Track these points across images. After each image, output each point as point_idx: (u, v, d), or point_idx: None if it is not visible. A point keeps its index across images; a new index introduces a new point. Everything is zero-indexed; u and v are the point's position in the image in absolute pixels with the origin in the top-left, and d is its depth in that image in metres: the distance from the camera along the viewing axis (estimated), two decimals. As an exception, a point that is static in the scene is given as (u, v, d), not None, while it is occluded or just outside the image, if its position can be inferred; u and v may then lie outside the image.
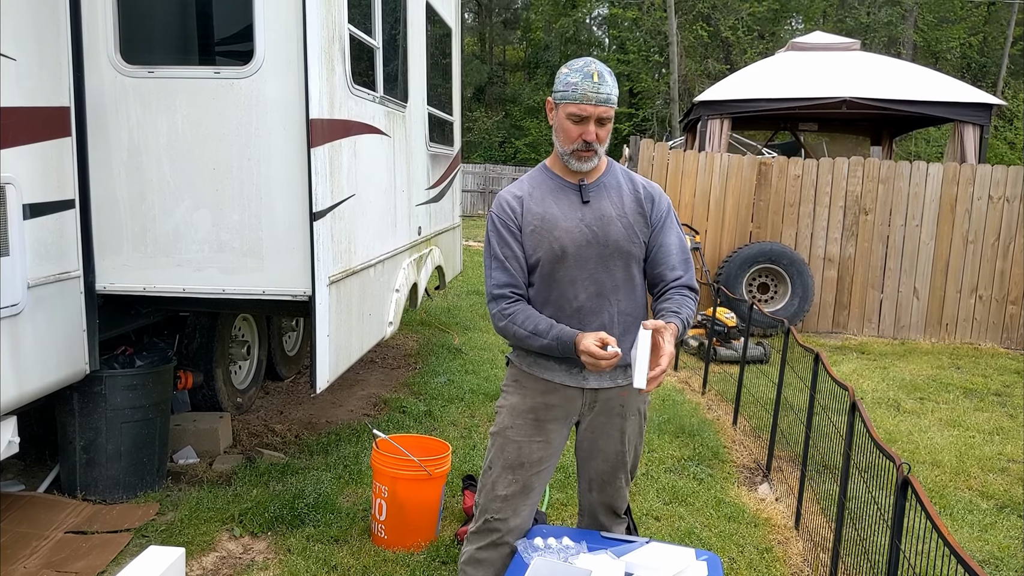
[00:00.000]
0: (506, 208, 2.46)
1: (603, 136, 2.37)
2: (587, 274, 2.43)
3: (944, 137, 21.67)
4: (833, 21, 28.49)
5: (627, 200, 2.47)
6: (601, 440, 2.56)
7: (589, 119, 2.33)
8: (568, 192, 2.46)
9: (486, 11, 36.90)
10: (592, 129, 2.34)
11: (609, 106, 2.33)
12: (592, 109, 2.31)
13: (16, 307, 3.22)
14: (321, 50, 3.61)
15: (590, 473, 2.64)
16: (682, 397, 6.28)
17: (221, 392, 4.97)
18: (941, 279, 9.07)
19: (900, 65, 10.97)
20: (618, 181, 2.51)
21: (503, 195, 2.50)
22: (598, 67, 2.32)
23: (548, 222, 2.42)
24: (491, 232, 2.48)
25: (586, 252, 2.42)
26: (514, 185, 2.53)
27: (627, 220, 2.45)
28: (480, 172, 26.31)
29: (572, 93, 2.32)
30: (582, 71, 2.31)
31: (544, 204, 2.45)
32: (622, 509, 2.70)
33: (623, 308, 2.47)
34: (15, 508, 3.72)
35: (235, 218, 3.73)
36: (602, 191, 2.47)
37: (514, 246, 2.44)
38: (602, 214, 2.43)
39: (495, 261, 2.46)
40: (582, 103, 2.31)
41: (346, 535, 3.67)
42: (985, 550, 3.87)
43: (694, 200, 9.13)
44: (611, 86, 2.33)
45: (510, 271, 2.44)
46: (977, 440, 5.53)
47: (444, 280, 6.78)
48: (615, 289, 2.46)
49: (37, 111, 3.39)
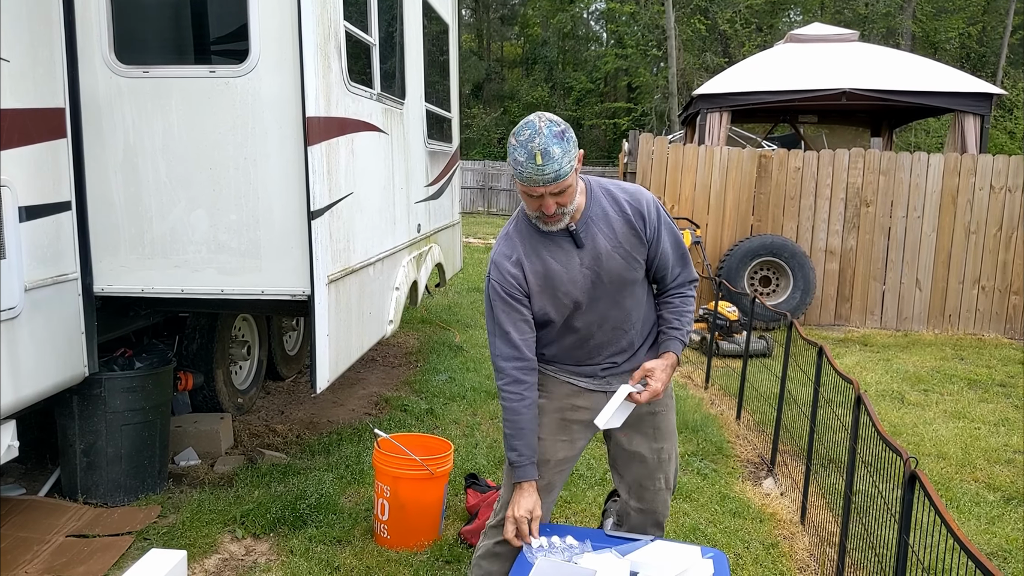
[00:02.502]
0: (507, 276, 2.39)
1: (565, 201, 2.27)
2: (599, 316, 2.45)
3: (944, 128, 21.63)
4: (831, 13, 28.42)
5: (618, 228, 2.41)
6: (636, 442, 2.58)
7: (543, 196, 2.24)
8: (560, 241, 2.39)
9: (483, 7, 36.83)
10: (549, 203, 2.25)
11: (559, 183, 2.20)
12: (541, 189, 2.21)
13: (13, 310, 3.20)
14: (317, 47, 3.58)
15: (628, 480, 2.64)
16: (685, 392, 6.26)
17: (222, 393, 4.95)
18: (943, 270, 9.04)
19: (899, 56, 10.94)
20: (604, 210, 2.41)
21: (499, 261, 2.42)
22: (541, 142, 2.15)
23: (552, 279, 2.39)
24: (494, 300, 2.42)
25: (595, 294, 2.42)
26: (504, 246, 2.44)
27: (623, 249, 2.41)
28: (479, 169, 26.30)
29: (519, 174, 2.21)
30: (526, 151, 2.17)
31: (543, 262, 2.39)
32: (663, 516, 2.67)
33: (641, 329, 2.54)
34: (16, 512, 3.70)
35: (232, 218, 3.71)
36: (592, 228, 2.39)
37: (522, 309, 2.41)
38: (598, 252, 2.39)
39: (499, 330, 2.43)
40: (530, 185, 2.22)
41: (348, 536, 3.65)
42: (993, 543, 3.84)
43: (694, 194, 9.10)
44: (558, 159, 2.16)
45: (514, 342, 2.41)
46: (982, 431, 5.51)
47: (444, 277, 6.76)
48: (626, 318, 2.49)
49: (32, 113, 3.36)
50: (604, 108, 32.06)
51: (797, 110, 11.43)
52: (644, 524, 2.65)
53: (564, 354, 2.53)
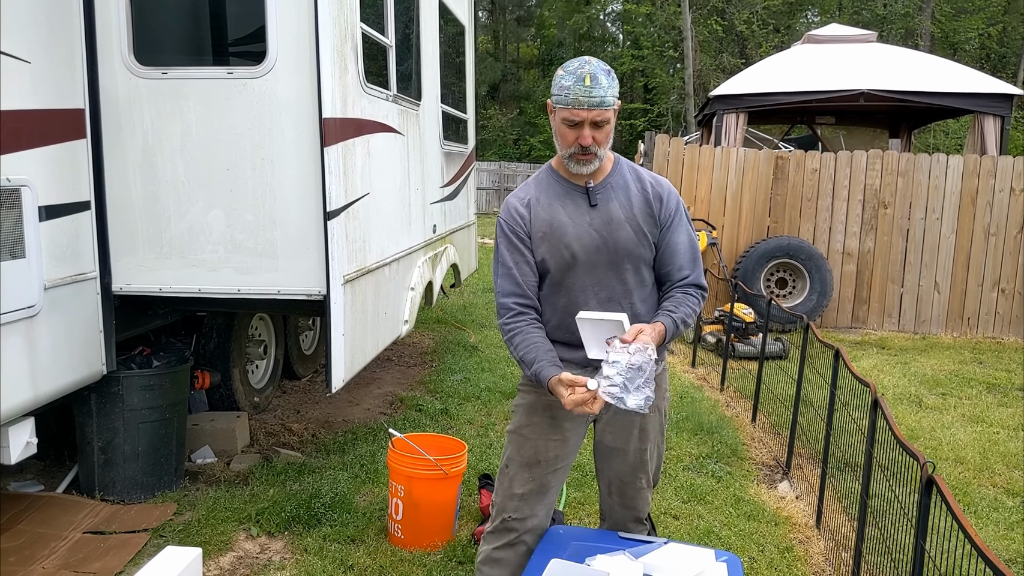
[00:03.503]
0: (514, 214, 2.43)
1: (601, 139, 2.31)
2: (597, 280, 2.40)
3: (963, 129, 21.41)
4: (849, 13, 28.25)
5: (635, 201, 2.42)
6: (620, 439, 2.53)
7: (583, 123, 2.27)
8: (575, 196, 2.42)
9: (500, 8, 36.86)
10: (587, 133, 2.28)
11: (604, 108, 2.25)
12: (585, 114, 2.25)
13: (33, 308, 3.24)
14: (333, 49, 3.60)
15: (609, 475, 2.61)
16: (700, 394, 6.24)
17: (238, 391, 4.98)
18: (962, 272, 8.95)
19: (918, 56, 10.84)
20: (625, 181, 2.45)
21: (510, 201, 2.47)
22: (591, 68, 2.24)
23: (557, 229, 2.38)
24: (500, 238, 2.46)
25: (596, 258, 2.38)
26: (520, 190, 2.49)
27: (636, 222, 2.40)
28: (495, 170, 26.30)
29: (565, 97, 2.25)
30: (575, 74, 2.24)
31: (552, 210, 2.41)
32: (644, 513, 2.66)
33: (636, 311, 2.43)
34: (34, 509, 3.74)
35: (249, 218, 3.73)
36: (609, 192, 2.42)
37: (524, 251, 2.41)
38: (610, 217, 2.39)
39: (502, 268, 2.44)
40: (574, 108, 2.24)
41: (363, 535, 3.66)
42: (1012, 548, 3.80)
43: (710, 195, 9.06)
44: (605, 87, 2.23)
45: (516, 279, 2.41)
46: (1001, 436, 5.45)
47: (459, 278, 6.77)
48: (627, 293, 2.42)
49: (52, 113, 3.40)
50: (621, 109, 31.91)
51: (814, 111, 11.36)
52: (625, 520, 2.64)
53: (558, 322, 2.44)
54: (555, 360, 2.33)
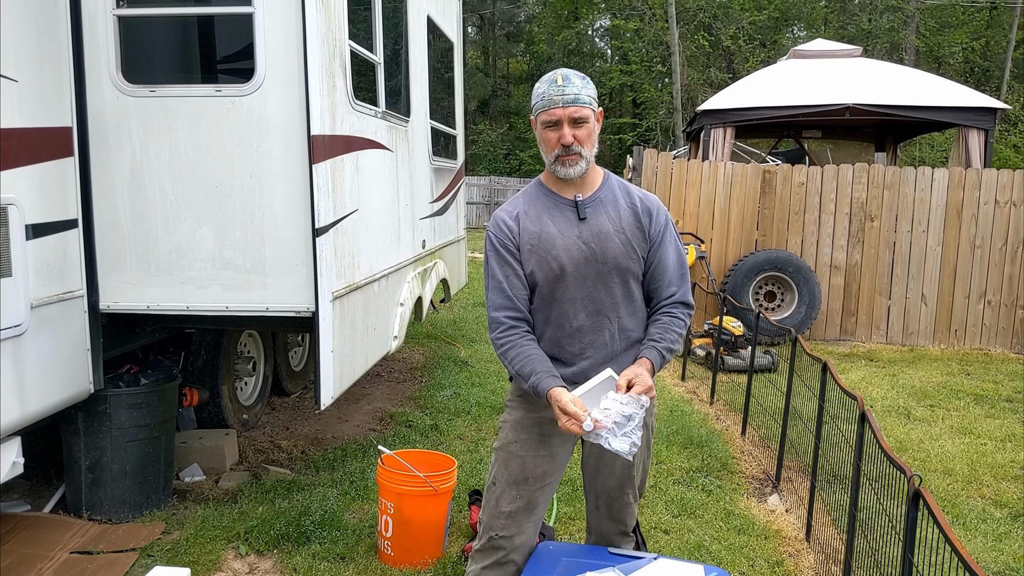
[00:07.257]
0: (503, 227, 2.44)
1: (582, 137, 2.34)
2: (586, 293, 2.41)
3: (948, 142, 21.62)
4: (835, 28, 28.54)
5: (624, 215, 2.44)
6: (607, 455, 2.53)
7: (561, 123, 2.32)
8: (564, 209, 2.43)
9: (489, 25, 37.05)
10: (567, 131, 2.32)
11: (579, 105, 2.31)
12: (560, 112, 2.31)
13: (19, 327, 3.22)
14: (322, 66, 3.62)
15: (597, 490, 2.61)
16: (690, 407, 6.25)
17: (227, 409, 4.96)
18: (949, 285, 9.02)
19: (903, 71, 10.96)
20: (615, 195, 2.48)
21: (499, 214, 2.48)
22: (563, 71, 2.36)
23: (545, 241, 2.40)
24: (489, 252, 2.47)
25: (584, 270, 2.39)
26: (509, 203, 2.51)
27: (625, 236, 2.42)
28: (485, 184, 26.34)
29: (541, 101, 2.35)
30: (548, 79, 2.36)
31: (540, 222, 2.42)
32: (631, 527, 2.67)
33: (624, 324, 2.44)
34: (20, 529, 3.70)
35: (238, 235, 3.73)
36: (599, 206, 2.44)
37: (514, 264, 2.42)
38: (599, 230, 2.40)
39: (492, 281, 2.45)
40: (550, 108, 2.32)
41: (352, 552, 3.64)
42: (1000, 560, 3.81)
43: (699, 209, 9.11)
44: (578, 86, 2.32)
45: (506, 292, 2.42)
46: (989, 447, 5.48)
47: (449, 293, 6.78)
48: (614, 306, 2.44)
49: (39, 132, 3.39)
50: (609, 123, 32.17)
51: (801, 125, 11.46)
52: (612, 533, 2.66)
53: (548, 336, 2.44)
54: (552, 371, 2.34)
